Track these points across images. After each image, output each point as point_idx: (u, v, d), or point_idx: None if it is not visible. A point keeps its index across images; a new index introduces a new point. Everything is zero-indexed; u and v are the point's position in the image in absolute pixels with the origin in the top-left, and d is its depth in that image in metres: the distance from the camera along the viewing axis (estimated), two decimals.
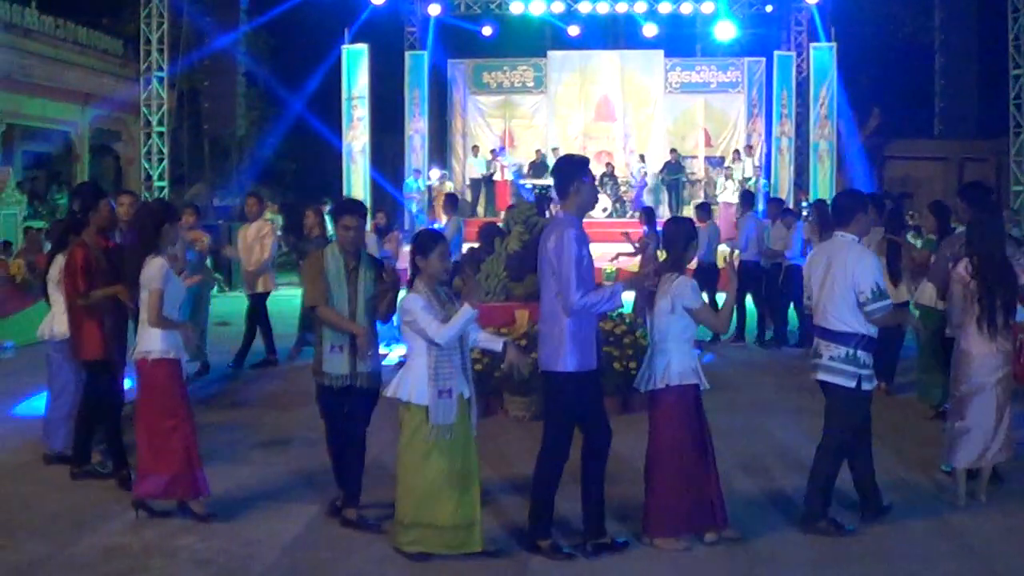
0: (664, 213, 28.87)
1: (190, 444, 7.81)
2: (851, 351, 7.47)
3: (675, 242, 7.38)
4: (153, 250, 7.74)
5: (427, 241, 7.11)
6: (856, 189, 9.06)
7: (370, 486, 7.96)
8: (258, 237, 14.74)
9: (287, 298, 16.86)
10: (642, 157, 31.76)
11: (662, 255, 7.62)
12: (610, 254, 19.22)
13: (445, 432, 6.89)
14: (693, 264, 9.14)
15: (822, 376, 7.62)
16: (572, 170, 7.23)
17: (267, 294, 14.83)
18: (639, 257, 14.58)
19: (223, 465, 9.16)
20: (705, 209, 18.33)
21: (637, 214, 19.70)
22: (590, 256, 7.07)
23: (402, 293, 7.31)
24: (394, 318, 7.65)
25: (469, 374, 7.15)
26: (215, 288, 19.31)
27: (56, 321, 9.37)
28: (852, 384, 7.48)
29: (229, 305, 19.20)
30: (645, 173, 31.60)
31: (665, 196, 30.69)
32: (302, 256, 15.38)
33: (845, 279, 7.45)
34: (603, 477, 7.25)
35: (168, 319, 7.71)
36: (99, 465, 9.01)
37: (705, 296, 9.21)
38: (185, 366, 8.02)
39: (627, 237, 15.13)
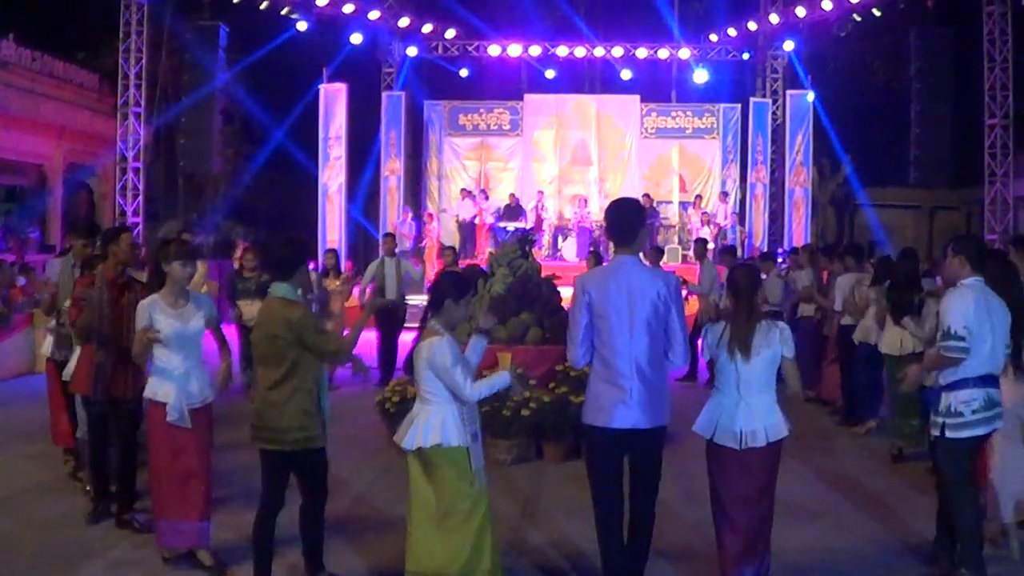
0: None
1: (166, 492, 7.57)
2: None
3: (750, 289, 7.02)
4: (156, 289, 7.65)
5: (461, 284, 6.81)
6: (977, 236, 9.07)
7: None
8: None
9: None
10: (584, 201, 31.23)
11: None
12: None
13: (482, 476, 6.56)
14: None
15: (1001, 422, 7.53)
16: (640, 215, 7.07)
17: None
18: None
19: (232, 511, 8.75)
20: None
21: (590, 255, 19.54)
22: None
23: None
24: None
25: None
26: None
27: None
28: None
29: None
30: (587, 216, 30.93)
31: None
32: (234, 293, 15.28)
33: (1005, 326, 7.43)
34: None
35: (138, 352, 7.61)
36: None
37: None
38: (171, 411, 7.48)
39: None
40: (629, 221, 6.91)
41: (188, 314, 7.67)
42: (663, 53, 33.50)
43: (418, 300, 20.04)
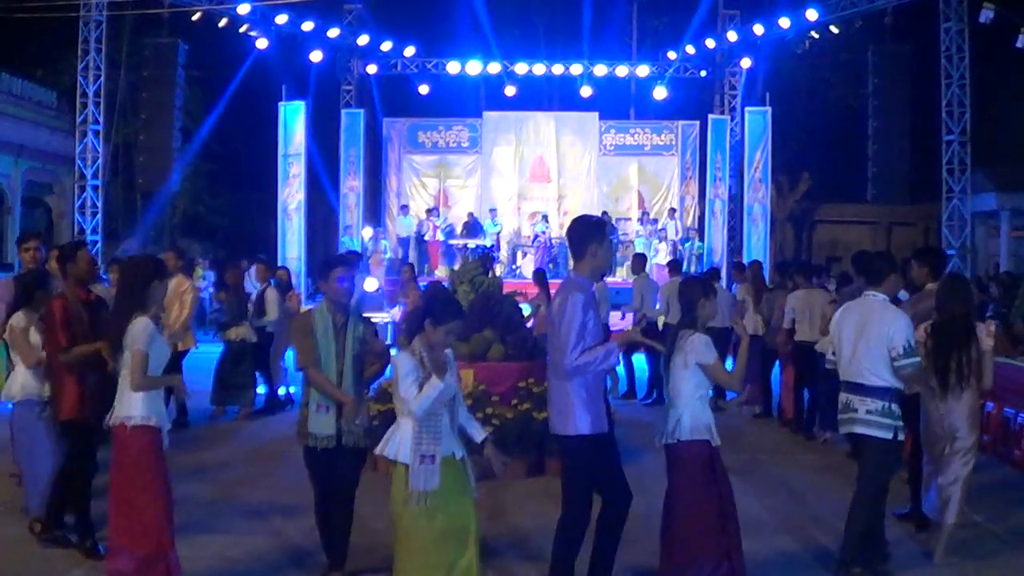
0: None
1: (163, 523, 7.12)
2: (887, 404, 7.68)
3: (685, 301, 7.34)
4: (139, 308, 7.17)
5: (446, 310, 6.67)
6: (884, 252, 9.44)
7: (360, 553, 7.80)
8: (177, 293, 13.72)
9: (209, 355, 16.04)
10: (545, 218, 31.16)
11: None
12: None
13: (422, 499, 6.43)
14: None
15: (860, 429, 7.79)
16: (591, 232, 7.08)
17: (186, 352, 14.01)
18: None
19: (201, 536, 8.57)
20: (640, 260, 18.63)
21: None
22: (596, 320, 6.86)
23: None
24: None
25: (458, 434, 6.77)
26: None
27: (21, 379, 8.75)
28: (889, 436, 7.69)
29: None
30: (547, 234, 30.75)
31: None
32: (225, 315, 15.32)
33: (881, 337, 7.67)
34: (617, 544, 7.04)
35: (152, 378, 7.12)
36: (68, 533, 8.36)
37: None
38: (166, 436, 7.27)
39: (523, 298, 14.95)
40: (577, 239, 7.10)
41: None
42: (622, 70, 33.71)
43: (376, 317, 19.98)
